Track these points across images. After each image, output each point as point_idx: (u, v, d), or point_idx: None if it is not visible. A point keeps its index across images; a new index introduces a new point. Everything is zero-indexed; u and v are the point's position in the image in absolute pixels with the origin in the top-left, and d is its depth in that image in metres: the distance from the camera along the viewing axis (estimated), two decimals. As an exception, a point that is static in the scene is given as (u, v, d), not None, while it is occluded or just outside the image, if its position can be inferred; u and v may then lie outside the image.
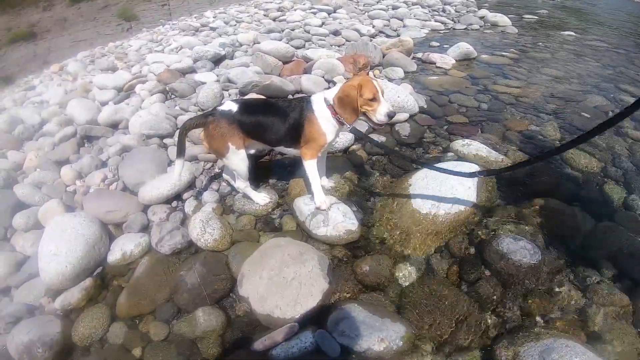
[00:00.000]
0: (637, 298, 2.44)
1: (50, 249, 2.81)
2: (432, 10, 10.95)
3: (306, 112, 2.82)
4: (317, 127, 2.81)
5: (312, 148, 2.88)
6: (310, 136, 2.83)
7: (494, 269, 2.63)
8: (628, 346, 2.21)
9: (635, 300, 2.44)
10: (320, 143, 2.86)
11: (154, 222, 3.25)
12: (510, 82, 5.81)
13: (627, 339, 2.24)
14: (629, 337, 2.26)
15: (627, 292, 2.50)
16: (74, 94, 5.51)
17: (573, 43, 8.66)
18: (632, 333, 2.28)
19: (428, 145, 4.01)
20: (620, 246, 2.80)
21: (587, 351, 2.02)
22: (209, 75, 5.44)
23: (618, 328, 2.30)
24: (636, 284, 2.55)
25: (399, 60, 6.12)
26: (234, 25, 9.16)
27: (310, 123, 2.81)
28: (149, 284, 2.77)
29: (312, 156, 2.90)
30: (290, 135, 2.88)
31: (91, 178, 3.73)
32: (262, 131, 2.88)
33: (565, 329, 2.28)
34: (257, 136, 2.92)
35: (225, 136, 2.81)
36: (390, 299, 2.51)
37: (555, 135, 4.26)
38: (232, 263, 2.80)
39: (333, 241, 2.86)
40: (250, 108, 2.91)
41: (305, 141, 2.87)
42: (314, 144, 2.86)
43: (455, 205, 3.00)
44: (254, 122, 2.85)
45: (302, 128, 2.83)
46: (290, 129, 2.86)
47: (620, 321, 2.35)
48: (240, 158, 2.92)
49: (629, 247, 2.78)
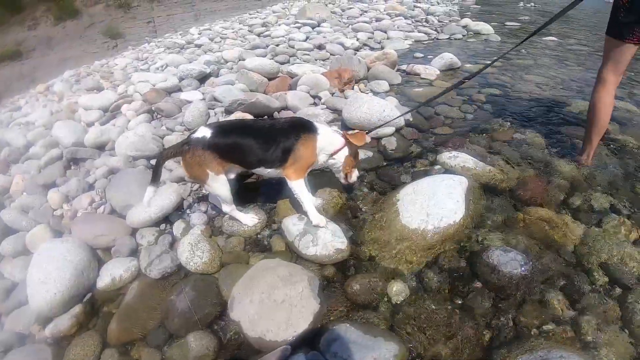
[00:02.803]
0: (628, 305, 2.45)
1: (39, 276, 2.78)
2: (416, 21, 11.03)
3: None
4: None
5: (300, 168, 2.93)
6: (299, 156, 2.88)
7: (486, 281, 2.63)
8: (622, 353, 2.21)
9: (626, 307, 2.45)
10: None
11: (142, 245, 3.22)
12: (495, 90, 5.86)
13: (620, 347, 2.24)
14: (623, 344, 2.26)
15: (618, 299, 2.52)
16: (59, 114, 5.50)
17: (555, 48, 8.77)
18: (625, 340, 2.29)
19: (415, 159, 4.01)
20: (610, 253, 2.81)
21: (582, 360, 2.02)
22: (195, 94, 5.45)
23: (611, 336, 2.30)
24: (627, 291, 2.56)
25: (384, 73, 6.14)
26: (219, 42, 9.21)
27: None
28: (139, 310, 2.74)
29: (299, 176, 2.94)
30: (274, 156, 2.90)
31: (78, 202, 3.70)
32: (240, 154, 2.89)
33: (559, 339, 2.28)
34: (234, 159, 2.92)
35: (202, 164, 2.81)
36: (382, 317, 2.49)
37: (540, 142, 4.28)
38: (223, 286, 2.77)
39: (323, 261, 2.85)
40: (224, 131, 2.90)
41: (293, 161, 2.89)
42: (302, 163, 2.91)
43: (444, 219, 2.99)
44: (230, 144, 2.86)
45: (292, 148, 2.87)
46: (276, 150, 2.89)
47: (613, 329, 2.35)
48: (220, 183, 2.92)
49: (619, 253, 2.79)
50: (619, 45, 3.25)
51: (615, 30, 3.24)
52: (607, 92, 3.43)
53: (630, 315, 2.41)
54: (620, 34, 3.22)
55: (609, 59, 3.36)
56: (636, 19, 3.10)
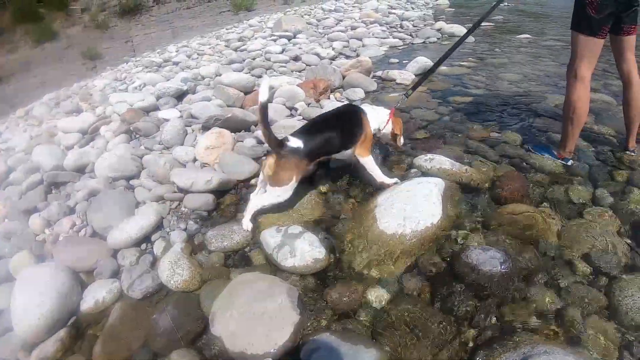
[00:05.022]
0: (613, 294, 2.48)
1: (22, 302, 2.77)
2: (390, 27, 11.11)
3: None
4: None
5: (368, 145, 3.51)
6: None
7: (466, 282, 2.64)
8: (608, 343, 2.23)
9: (611, 296, 2.48)
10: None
11: (124, 266, 3.22)
12: (470, 91, 5.93)
13: (606, 337, 2.27)
14: (608, 334, 2.28)
15: (602, 289, 2.55)
16: (39, 139, 5.48)
17: (529, 45, 8.90)
18: (610, 329, 2.31)
19: (392, 164, 4.04)
20: (592, 243, 2.85)
21: (567, 354, 2.05)
22: (173, 112, 5.43)
23: (596, 326, 2.32)
24: (611, 280, 2.60)
25: (359, 81, 6.20)
26: (196, 59, 9.21)
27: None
28: (123, 331, 2.73)
29: (369, 152, 3.52)
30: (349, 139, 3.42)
31: (59, 226, 3.68)
32: (327, 146, 3.33)
33: (543, 334, 2.29)
34: (322, 153, 3.36)
35: (294, 169, 3.15)
36: (363, 324, 2.50)
37: (517, 139, 4.34)
38: (204, 302, 2.77)
39: (302, 271, 2.86)
40: (310, 134, 3.27)
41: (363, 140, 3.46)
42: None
43: (421, 222, 3.02)
44: (319, 144, 3.26)
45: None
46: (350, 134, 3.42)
47: (598, 319, 2.37)
48: (292, 188, 3.23)
49: (601, 243, 2.83)
50: (591, 41, 3.32)
51: (586, 27, 3.30)
52: (586, 88, 3.50)
53: (616, 304, 2.43)
54: (591, 31, 3.28)
55: (583, 56, 3.41)
56: (607, 16, 3.18)
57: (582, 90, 3.50)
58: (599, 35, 3.30)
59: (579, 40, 3.41)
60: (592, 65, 3.47)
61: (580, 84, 3.48)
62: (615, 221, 3.12)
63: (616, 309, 2.41)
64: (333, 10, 15.21)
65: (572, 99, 3.55)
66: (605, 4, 3.17)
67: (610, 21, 3.30)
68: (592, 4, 3.21)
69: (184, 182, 3.71)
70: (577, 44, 3.44)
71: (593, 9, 3.22)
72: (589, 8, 3.23)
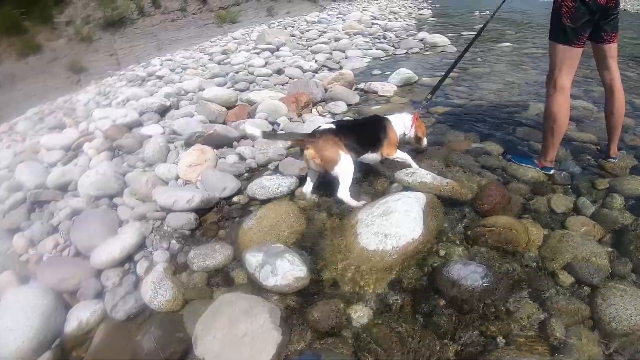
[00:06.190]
0: (596, 304, 2.50)
1: (6, 325, 2.74)
2: (374, 39, 11.24)
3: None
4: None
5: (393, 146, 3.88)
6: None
7: (448, 297, 2.66)
8: (592, 354, 2.25)
9: (594, 306, 2.50)
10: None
11: (107, 287, 3.20)
12: (452, 101, 5.99)
13: (589, 347, 2.28)
14: (591, 344, 2.30)
15: (585, 298, 2.58)
16: (23, 155, 5.43)
17: (511, 54, 9.04)
18: (594, 339, 2.33)
19: (373, 180, 4.05)
20: (574, 253, 2.87)
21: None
22: (156, 128, 5.44)
23: (580, 337, 2.34)
24: (594, 289, 2.62)
25: (342, 94, 6.25)
26: (179, 73, 9.20)
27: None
28: (107, 353, 2.72)
29: (395, 150, 3.90)
30: (375, 142, 3.77)
31: (43, 245, 3.66)
32: (357, 142, 3.61)
33: (526, 347, 2.30)
34: (352, 147, 3.55)
35: (335, 145, 3.40)
36: (345, 342, 2.49)
37: (498, 149, 4.40)
38: (187, 323, 2.76)
39: (283, 290, 2.85)
40: (342, 127, 3.65)
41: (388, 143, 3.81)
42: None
43: (402, 237, 3.04)
44: (351, 136, 3.57)
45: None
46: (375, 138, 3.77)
47: (581, 329, 2.39)
48: (349, 163, 3.48)
49: (583, 252, 2.85)
50: (569, 51, 3.36)
51: (563, 37, 3.35)
52: (566, 98, 3.53)
53: (599, 313, 2.45)
54: (568, 41, 3.33)
55: (563, 65, 3.44)
56: (582, 25, 3.24)
57: (562, 100, 3.53)
58: (577, 44, 3.35)
59: (557, 50, 3.45)
60: (572, 74, 3.51)
61: (560, 94, 3.52)
62: (597, 230, 3.16)
63: (599, 319, 2.43)
64: (317, 22, 15.33)
65: (552, 109, 3.59)
66: (580, 13, 3.23)
67: (588, 29, 3.35)
68: (567, 14, 3.27)
69: (165, 201, 3.71)
70: (556, 54, 3.48)
71: (568, 19, 3.27)
72: (565, 18, 3.29)
